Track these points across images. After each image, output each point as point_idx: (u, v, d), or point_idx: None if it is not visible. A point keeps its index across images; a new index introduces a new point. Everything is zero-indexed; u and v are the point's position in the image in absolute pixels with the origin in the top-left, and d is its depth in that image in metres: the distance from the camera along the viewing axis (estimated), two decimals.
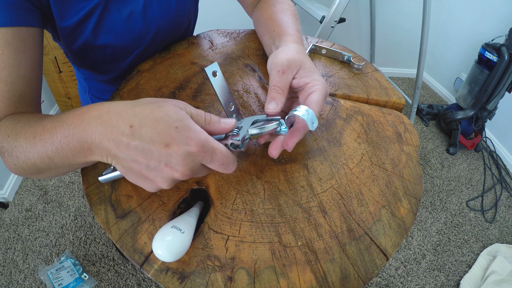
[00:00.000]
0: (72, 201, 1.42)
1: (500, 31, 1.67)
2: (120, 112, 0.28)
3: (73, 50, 0.50)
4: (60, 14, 0.44)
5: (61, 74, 1.58)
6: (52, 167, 0.33)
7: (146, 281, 1.17)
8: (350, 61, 0.59)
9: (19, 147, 0.32)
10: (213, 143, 0.28)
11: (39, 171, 0.34)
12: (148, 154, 0.26)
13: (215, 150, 0.28)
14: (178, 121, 0.27)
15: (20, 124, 0.34)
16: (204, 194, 0.37)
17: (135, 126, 0.27)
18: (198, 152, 0.27)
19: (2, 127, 0.36)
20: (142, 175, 0.28)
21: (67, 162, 0.31)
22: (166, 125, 0.26)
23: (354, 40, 2.25)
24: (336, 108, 0.50)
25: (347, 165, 0.41)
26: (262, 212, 0.35)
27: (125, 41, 0.52)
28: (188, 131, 0.27)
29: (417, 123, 2.03)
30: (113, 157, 0.28)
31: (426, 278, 1.25)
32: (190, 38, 0.65)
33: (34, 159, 0.32)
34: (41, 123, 0.32)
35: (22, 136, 0.33)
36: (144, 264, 0.31)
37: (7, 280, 1.14)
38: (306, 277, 0.31)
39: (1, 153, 0.35)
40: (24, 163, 0.33)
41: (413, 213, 0.37)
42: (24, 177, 0.36)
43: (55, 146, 0.30)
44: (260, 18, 0.57)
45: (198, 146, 0.27)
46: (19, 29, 0.37)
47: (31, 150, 0.32)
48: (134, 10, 0.51)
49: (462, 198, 1.58)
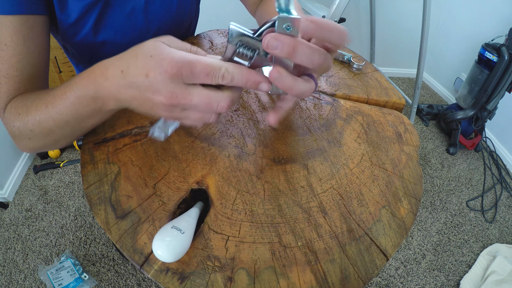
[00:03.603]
0: (72, 201, 1.42)
1: (500, 31, 1.67)
2: (113, 62, 0.31)
3: (72, 45, 0.50)
4: (62, 5, 0.44)
5: (61, 74, 1.58)
6: (67, 132, 0.37)
7: (146, 281, 1.17)
8: (350, 61, 0.59)
9: (32, 120, 0.35)
10: (189, 57, 0.27)
11: (55, 139, 0.38)
12: (138, 89, 0.28)
13: (192, 62, 0.27)
14: (153, 50, 0.28)
15: (29, 101, 0.37)
16: (204, 194, 0.37)
17: (124, 70, 0.29)
18: (174, 69, 0.27)
19: (12, 107, 0.38)
20: (148, 109, 0.30)
21: (82, 123, 0.36)
22: (143, 57, 0.28)
23: (354, 40, 2.25)
24: (336, 108, 0.50)
25: (347, 165, 0.41)
26: (262, 213, 0.35)
27: (125, 38, 0.52)
28: (162, 55, 0.27)
29: (417, 123, 2.03)
30: (121, 101, 0.31)
31: (426, 278, 1.25)
32: (190, 38, 0.65)
33: (49, 126, 0.35)
34: (50, 93, 0.35)
35: (33, 110, 0.36)
36: (144, 265, 0.31)
37: (7, 280, 1.14)
38: (306, 277, 0.31)
39: (13, 134, 0.38)
40: (40, 133, 0.36)
41: (413, 213, 0.37)
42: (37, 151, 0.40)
43: (70, 109, 0.33)
44: (264, 15, 0.57)
45: (171, 63, 0.27)
46: (26, 17, 0.38)
47: (46, 119, 0.35)
48: (136, 7, 0.50)
49: (462, 198, 1.58)
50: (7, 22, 0.37)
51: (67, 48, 0.53)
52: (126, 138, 0.42)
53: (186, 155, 0.40)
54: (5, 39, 0.37)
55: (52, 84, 1.64)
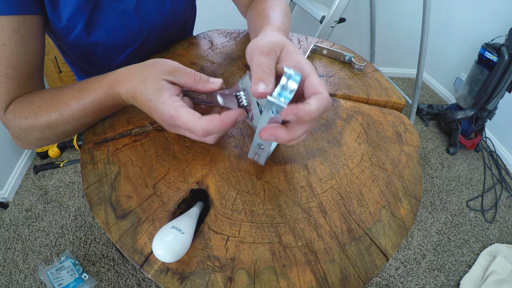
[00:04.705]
0: (72, 201, 1.42)
1: (500, 31, 1.67)
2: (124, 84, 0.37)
3: (66, 45, 0.50)
4: (53, 6, 0.44)
5: (61, 74, 1.58)
6: (82, 128, 0.42)
7: (146, 281, 1.17)
8: (352, 61, 0.59)
9: (43, 125, 0.39)
10: (173, 111, 0.33)
11: (66, 136, 0.42)
12: (148, 114, 0.37)
13: (173, 116, 0.33)
14: (152, 94, 0.34)
15: (35, 105, 0.39)
16: (204, 194, 0.37)
17: (134, 96, 0.36)
18: (164, 118, 0.34)
19: (17, 110, 0.40)
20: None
21: (99, 118, 0.42)
22: (145, 98, 0.35)
23: (354, 40, 2.25)
24: (336, 108, 0.50)
25: (347, 165, 0.41)
26: (262, 213, 0.35)
27: (118, 39, 0.52)
28: (156, 102, 0.34)
29: (417, 123, 2.04)
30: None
31: (426, 278, 1.25)
32: (190, 38, 0.65)
33: (65, 129, 0.40)
34: (61, 100, 0.39)
35: (43, 115, 0.39)
36: (144, 265, 0.31)
37: (7, 280, 1.14)
38: (306, 277, 0.31)
39: (17, 134, 0.41)
40: (51, 135, 0.40)
41: (413, 213, 0.37)
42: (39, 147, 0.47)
43: (88, 115, 0.39)
44: (250, 17, 0.56)
45: (162, 114, 0.34)
46: (23, 17, 0.39)
47: (62, 124, 0.39)
48: (127, 7, 0.50)
49: (462, 198, 1.58)
50: (4, 22, 0.38)
51: (62, 47, 0.53)
52: (126, 138, 0.42)
53: (186, 155, 0.40)
54: (3, 39, 0.38)
55: (52, 84, 1.64)
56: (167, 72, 0.35)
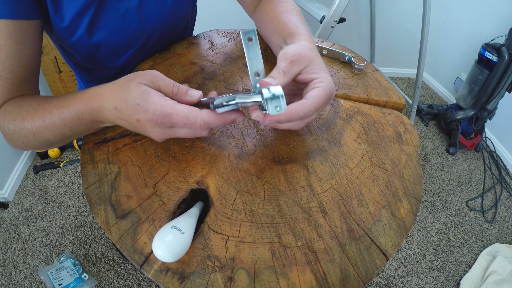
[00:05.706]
0: (72, 201, 1.42)
1: (500, 31, 1.67)
2: (107, 98, 0.35)
3: (68, 46, 0.50)
4: (56, 8, 0.44)
5: (61, 74, 1.58)
6: (63, 140, 0.41)
7: (146, 281, 1.17)
8: (351, 61, 0.59)
9: (28, 130, 0.39)
10: (168, 109, 0.32)
11: (49, 144, 0.41)
12: (132, 125, 0.35)
13: (171, 114, 0.32)
14: (138, 98, 0.33)
15: (24, 109, 0.39)
16: (204, 194, 0.37)
17: (117, 107, 0.35)
18: (158, 120, 0.33)
19: (7, 112, 0.40)
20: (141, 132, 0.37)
21: (80, 134, 0.41)
22: (131, 103, 0.33)
23: (354, 40, 2.25)
24: (336, 108, 0.50)
25: (347, 165, 0.41)
26: (262, 213, 0.35)
27: (120, 39, 0.52)
28: (146, 105, 0.33)
29: (417, 123, 2.03)
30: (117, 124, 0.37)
31: (426, 278, 1.25)
32: (190, 38, 0.65)
33: (46, 137, 0.39)
34: (45, 107, 0.38)
35: (29, 120, 0.38)
36: (144, 265, 0.31)
37: (7, 280, 1.14)
38: (306, 277, 0.31)
39: (6, 135, 0.41)
40: (34, 140, 0.40)
41: (413, 213, 0.37)
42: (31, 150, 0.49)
43: (68, 127, 0.38)
44: (265, 17, 0.56)
45: (154, 115, 0.33)
46: (20, 22, 0.39)
47: (43, 131, 0.38)
48: (129, 8, 0.50)
49: (462, 198, 1.58)
50: (1, 26, 0.38)
51: (64, 48, 0.53)
52: (126, 138, 0.42)
53: (186, 155, 0.40)
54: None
55: (52, 84, 1.64)
56: (148, 80, 0.35)
